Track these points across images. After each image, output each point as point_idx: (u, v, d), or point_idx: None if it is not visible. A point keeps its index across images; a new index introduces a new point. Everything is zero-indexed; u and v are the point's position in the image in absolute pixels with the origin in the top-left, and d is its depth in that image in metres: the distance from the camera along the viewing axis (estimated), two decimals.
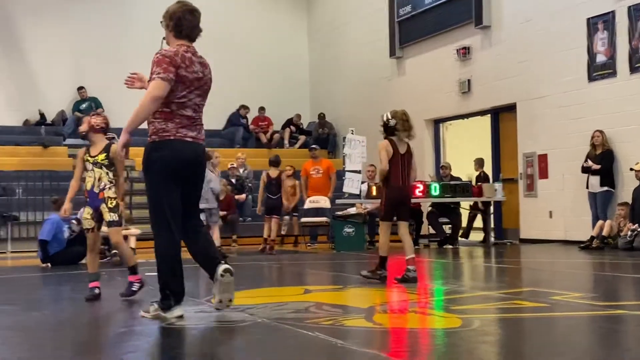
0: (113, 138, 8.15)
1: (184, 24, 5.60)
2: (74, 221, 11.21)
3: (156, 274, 5.58)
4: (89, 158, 7.07)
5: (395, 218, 8.21)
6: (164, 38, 5.73)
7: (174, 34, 5.63)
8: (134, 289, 6.92)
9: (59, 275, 9.83)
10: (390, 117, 8.01)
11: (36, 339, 5.12)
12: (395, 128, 7.98)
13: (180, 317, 5.54)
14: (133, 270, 7.00)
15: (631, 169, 12.76)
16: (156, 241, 5.58)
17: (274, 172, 14.03)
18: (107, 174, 7.00)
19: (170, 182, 5.50)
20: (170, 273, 5.52)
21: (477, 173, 16.03)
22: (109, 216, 6.94)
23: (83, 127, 7.30)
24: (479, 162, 16.14)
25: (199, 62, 5.63)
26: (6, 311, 6.44)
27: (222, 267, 5.62)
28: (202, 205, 12.22)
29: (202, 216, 12.30)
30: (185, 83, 5.49)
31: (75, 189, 7.22)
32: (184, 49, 5.56)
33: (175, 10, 5.63)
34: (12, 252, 14.63)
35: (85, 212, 7.06)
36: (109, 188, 6.98)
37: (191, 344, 4.94)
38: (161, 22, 5.70)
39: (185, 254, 5.65)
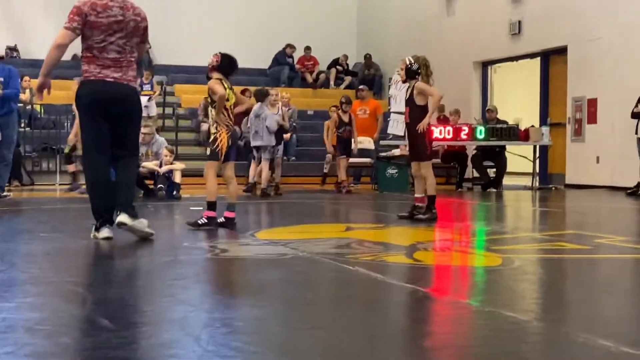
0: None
1: None
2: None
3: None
4: None
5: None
6: None
7: None
8: (200, 222, 6.96)
9: None
10: (413, 61, 8.15)
11: (83, 264, 5.25)
12: (418, 72, 8.11)
13: (109, 238, 5.96)
14: (210, 206, 7.04)
15: None
16: (84, 170, 6.22)
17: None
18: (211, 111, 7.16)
19: (92, 118, 6.00)
20: (97, 196, 6.01)
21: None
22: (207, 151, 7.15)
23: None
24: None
25: (119, 6, 6.01)
26: (55, 238, 6.60)
27: (117, 219, 5.93)
28: (257, 143, 12.31)
29: (256, 153, 12.38)
30: (101, 28, 5.93)
31: None
32: None
33: None
34: (60, 184, 14.93)
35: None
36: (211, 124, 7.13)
37: (234, 273, 5.02)
38: None
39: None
